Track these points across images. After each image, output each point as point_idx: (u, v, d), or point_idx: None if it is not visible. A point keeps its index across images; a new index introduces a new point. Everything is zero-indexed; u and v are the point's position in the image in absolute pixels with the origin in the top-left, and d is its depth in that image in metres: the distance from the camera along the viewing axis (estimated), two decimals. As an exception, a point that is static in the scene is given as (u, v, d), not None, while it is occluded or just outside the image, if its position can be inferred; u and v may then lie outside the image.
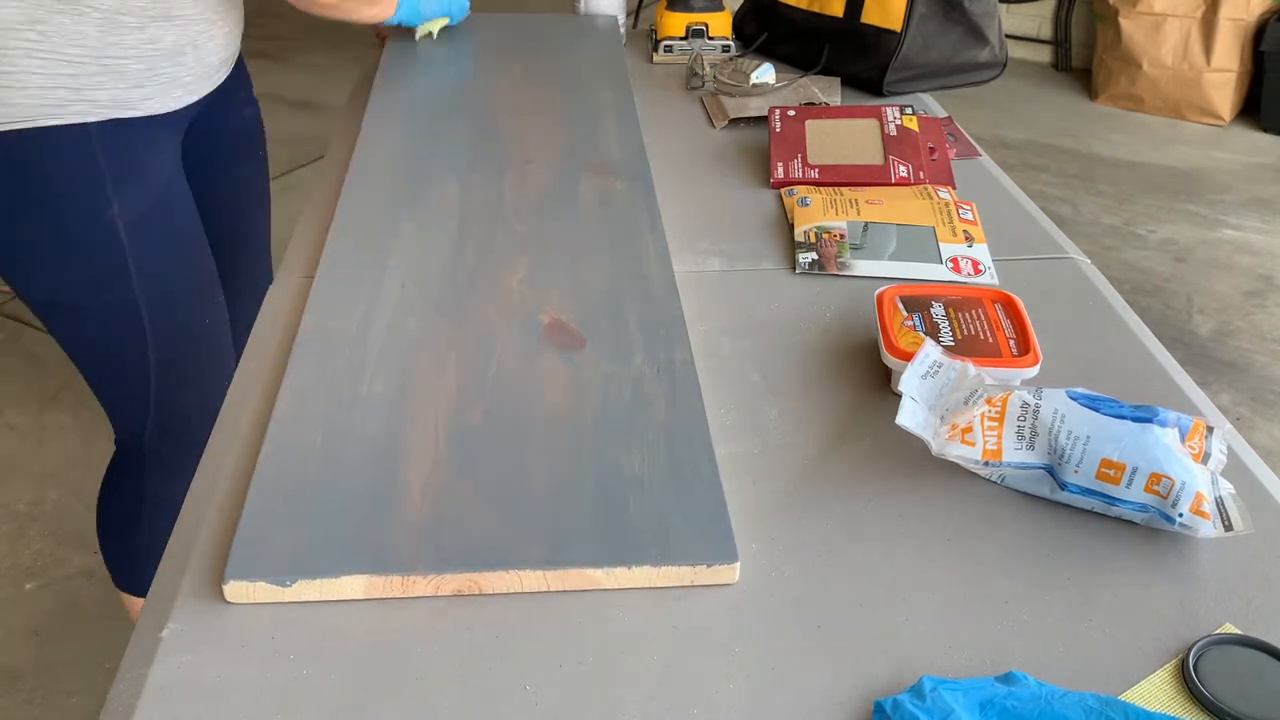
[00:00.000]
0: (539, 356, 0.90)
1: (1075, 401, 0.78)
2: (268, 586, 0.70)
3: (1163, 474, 0.74)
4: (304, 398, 0.85)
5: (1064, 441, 0.77)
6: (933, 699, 0.61)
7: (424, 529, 0.73)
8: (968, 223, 1.16)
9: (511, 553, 0.72)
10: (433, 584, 0.70)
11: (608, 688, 0.65)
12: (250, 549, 0.71)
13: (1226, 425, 0.87)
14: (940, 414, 0.82)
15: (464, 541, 0.72)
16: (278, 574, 0.70)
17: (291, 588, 0.70)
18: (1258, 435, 2.42)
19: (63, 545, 2.06)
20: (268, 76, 4.45)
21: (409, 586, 0.70)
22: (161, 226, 1.24)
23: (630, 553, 0.72)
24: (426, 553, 0.71)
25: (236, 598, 0.70)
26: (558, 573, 0.71)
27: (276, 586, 0.70)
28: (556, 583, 0.71)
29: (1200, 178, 3.65)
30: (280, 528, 0.73)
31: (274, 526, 0.73)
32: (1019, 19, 4.57)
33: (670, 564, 0.71)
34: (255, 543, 0.72)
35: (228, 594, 0.70)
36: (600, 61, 1.54)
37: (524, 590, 0.71)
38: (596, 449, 0.80)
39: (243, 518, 0.74)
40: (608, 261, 1.04)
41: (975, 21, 1.55)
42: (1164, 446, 0.75)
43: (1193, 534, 0.74)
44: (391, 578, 0.70)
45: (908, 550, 0.76)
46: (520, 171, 1.21)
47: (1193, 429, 0.78)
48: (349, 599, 0.70)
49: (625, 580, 0.71)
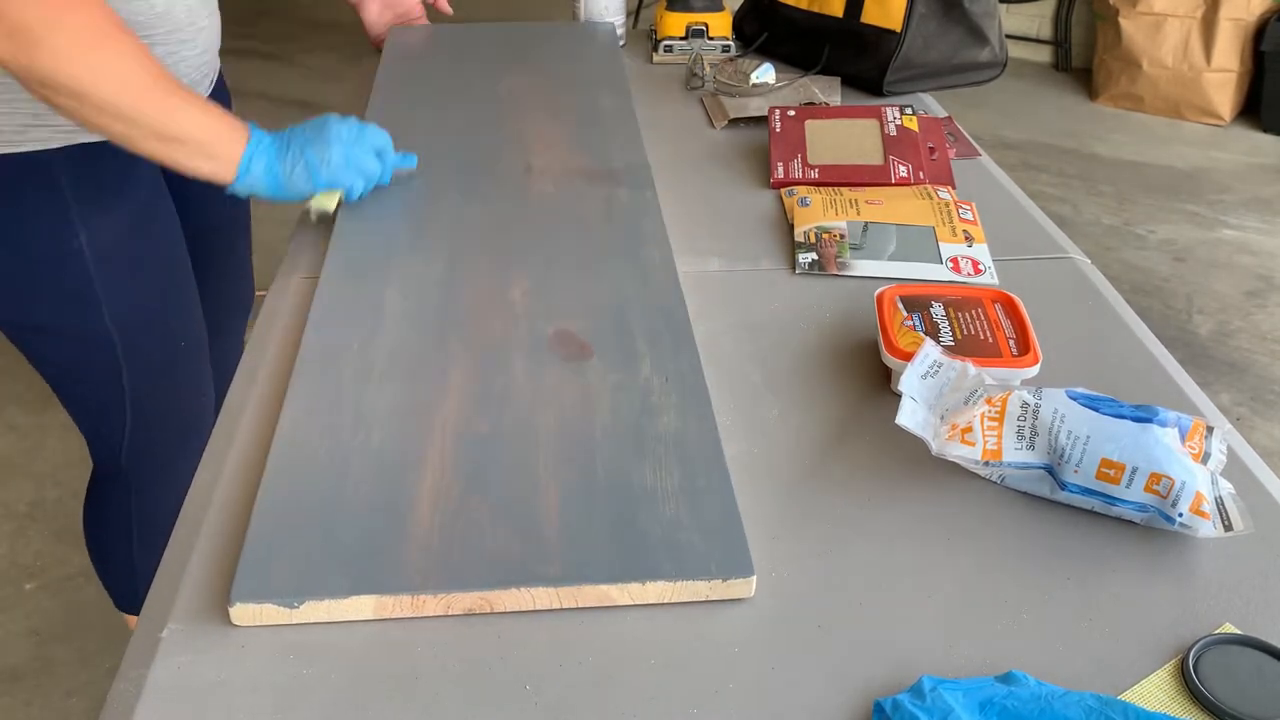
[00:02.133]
0: (546, 368, 0.89)
1: (1075, 401, 0.78)
2: (275, 609, 0.68)
3: (1163, 474, 0.74)
4: (307, 415, 0.84)
5: (1064, 441, 0.77)
6: (933, 699, 0.61)
7: (434, 547, 0.72)
8: (968, 223, 1.16)
9: (524, 570, 0.70)
10: (443, 603, 0.69)
11: (608, 688, 0.65)
12: (256, 570, 0.70)
13: (1226, 425, 0.87)
14: (940, 414, 0.82)
15: (475, 559, 0.71)
16: (285, 595, 0.68)
17: (299, 609, 0.68)
18: (1258, 435, 2.42)
19: (63, 545, 2.06)
20: (268, 76, 4.46)
21: (419, 606, 0.69)
22: (135, 253, 1.18)
23: (644, 568, 0.71)
24: (437, 572, 0.70)
25: (243, 620, 0.69)
26: (571, 589, 0.70)
27: (284, 609, 0.68)
28: (569, 599, 0.70)
29: (1200, 178, 3.65)
30: (286, 548, 0.72)
31: (280, 547, 0.72)
32: (1019, 19, 4.57)
33: (686, 579, 0.70)
34: (261, 564, 0.70)
35: (234, 616, 0.68)
36: (600, 68, 1.53)
37: (536, 608, 0.70)
38: (606, 461, 0.79)
39: (247, 539, 0.73)
40: (612, 271, 1.03)
41: (975, 21, 1.55)
42: (1164, 446, 0.75)
43: (1193, 534, 0.74)
44: (401, 597, 0.69)
45: (908, 550, 0.76)
46: (521, 180, 1.21)
47: (1193, 429, 0.78)
48: (358, 620, 0.69)
49: (639, 596, 0.70)
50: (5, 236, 1.11)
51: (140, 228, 1.19)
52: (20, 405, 2.45)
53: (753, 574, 0.71)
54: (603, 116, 1.37)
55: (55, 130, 1.08)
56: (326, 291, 1.00)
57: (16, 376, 2.54)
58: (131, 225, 1.18)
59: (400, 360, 0.90)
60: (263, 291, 1.11)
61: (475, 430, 0.82)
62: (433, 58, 1.56)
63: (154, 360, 1.25)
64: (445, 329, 0.94)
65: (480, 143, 1.30)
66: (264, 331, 0.99)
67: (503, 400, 0.86)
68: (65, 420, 2.39)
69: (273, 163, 1.05)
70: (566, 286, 1.01)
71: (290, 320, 1.00)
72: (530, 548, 0.72)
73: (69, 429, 2.37)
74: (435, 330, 0.94)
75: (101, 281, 1.15)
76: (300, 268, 1.09)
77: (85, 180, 1.11)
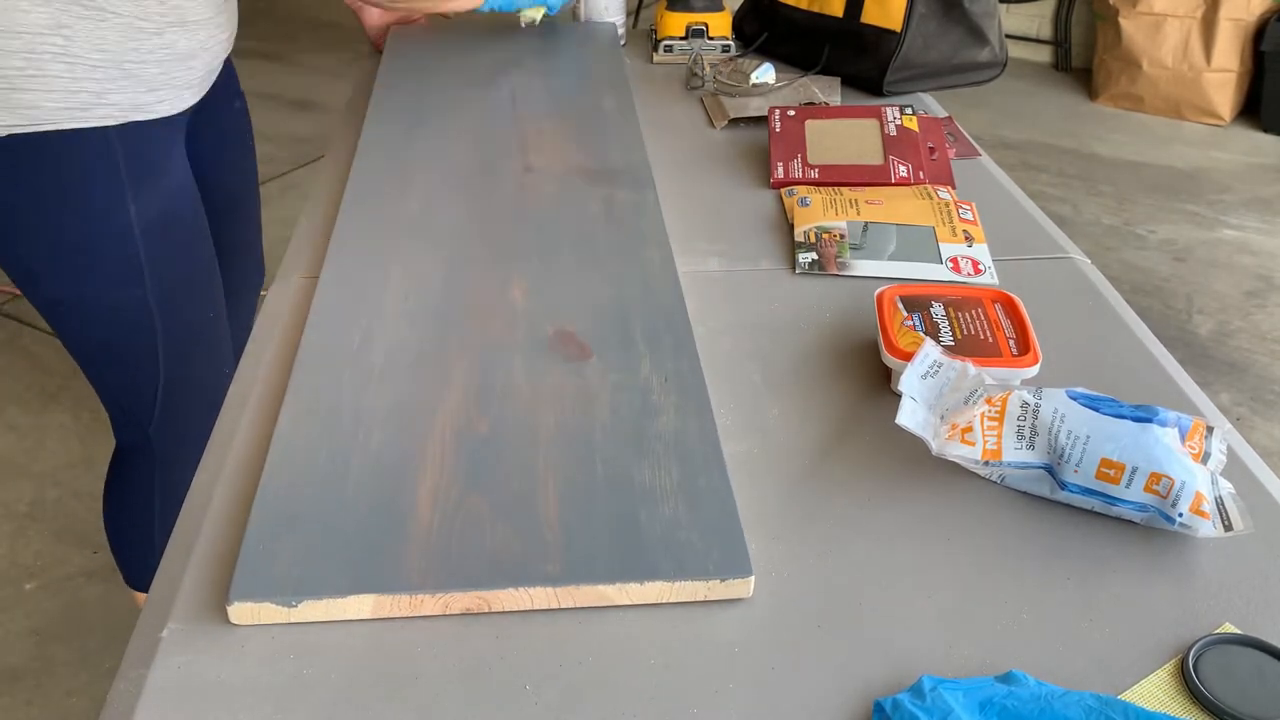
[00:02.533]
0: (545, 368, 0.89)
1: (1075, 401, 0.78)
2: (273, 608, 0.68)
3: (1163, 474, 0.74)
4: (306, 414, 0.84)
5: (1064, 441, 0.77)
6: (932, 699, 0.61)
7: (432, 546, 0.72)
8: (968, 223, 1.16)
9: (522, 570, 0.70)
10: (441, 603, 0.69)
11: (608, 688, 0.65)
12: (254, 569, 0.70)
13: (1226, 425, 0.87)
14: (940, 414, 0.82)
15: (473, 559, 0.71)
16: (283, 594, 0.68)
17: (298, 608, 0.68)
18: (1257, 435, 2.42)
19: (63, 545, 2.06)
20: (268, 76, 4.46)
21: (417, 606, 0.69)
22: (173, 226, 1.26)
23: (643, 568, 0.71)
24: (435, 571, 0.70)
25: (241, 620, 0.69)
26: (569, 589, 0.70)
27: (282, 608, 0.68)
28: (568, 599, 0.70)
29: (1200, 178, 3.65)
30: (284, 547, 0.72)
31: (278, 546, 0.72)
32: (1019, 19, 4.57)
33: (684, 579, 0.70)
34: (259, 563, 0.70)
35: (232, 615, 0.69)
36: (601, 68, 1.53)
37: (534, 608, 0.70)
38: (606, 461, 0.79)
39: (246, 538, 0.72)
40: (612, 271, 1.03)
41: (975, 21, 1.55)
42: (1164, 446, 0.75)
43: (1193, 534, 0.74)
44: (400, 597, 0.69)
45: (908, 550, 0.76)
46: (521, 180, 1.21)
47: (1193, 429, 0.78)
48: (355, 619, 0.69)
49: (638, 596, 0.70)
50: (71, 208, 1.17)
51: (175, 201, 1.26)
52: (20, 405, 2.45)
53: (751, 574, 0.71)
54: (603, 116, 1.37)
55: (114, 108, 1.15)
56: (326, 291, 1.00)
57: (16, 376, 2.54)
58: (169, 199, 1.25)
59: (400, 360, 0.90)
60: (263, 291, 1.11)
61: (475, 430, 0.82)
62: (434, 58, 1.56)
63: (188, 332, 1.31)
64: (445, 329, 0.94)
65: (480, 142, 1.30)
66: (264, 331, 0.99)
67: (503, 399, 0.86)
68: (65, 420, 2.39)
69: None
70: (566, 286, 1.01)
71: (290, 320, 1.00)
72: (529, 547, 0.72)
73: (69, 429, 2.37)
74: (435, 330, 0.94)
75: (147, 254, 1.22)
76: (300, 267, 1.09)
77: (136, 157, 1.19)
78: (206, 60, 1.25)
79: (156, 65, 1.17)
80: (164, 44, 1.17)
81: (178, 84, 1.21)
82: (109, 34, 1.12)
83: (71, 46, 1.10)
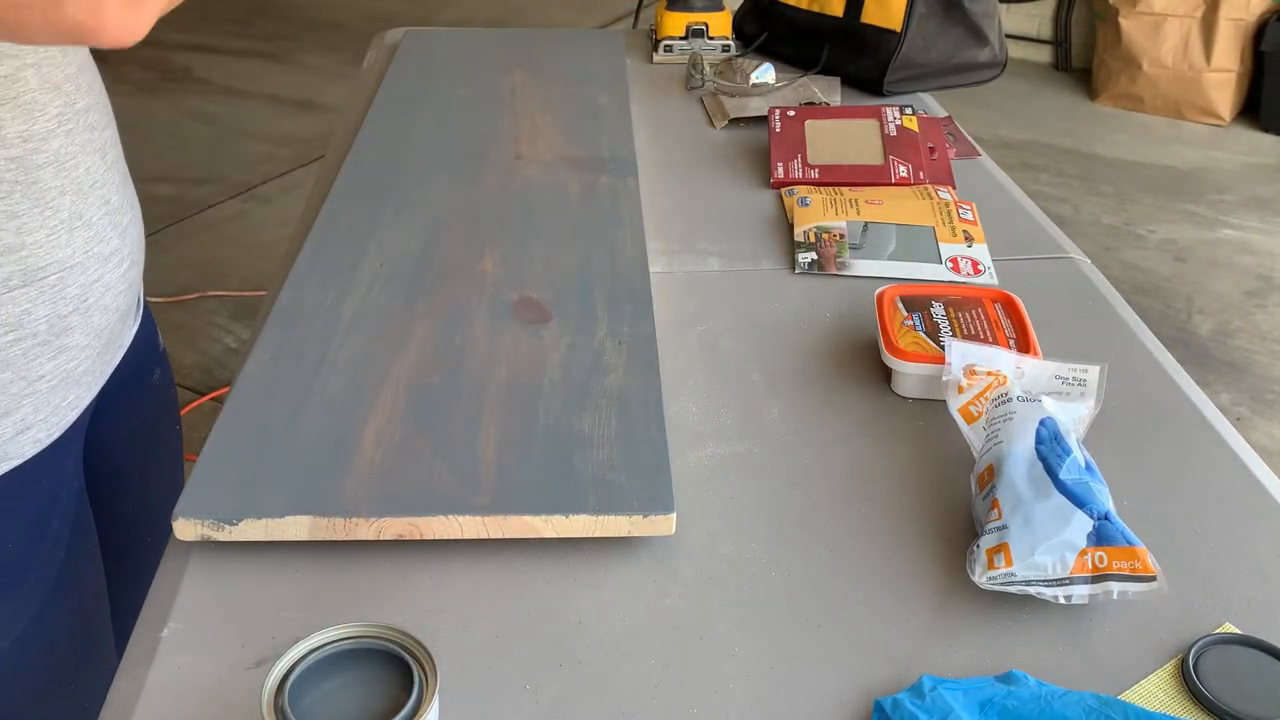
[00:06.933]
0: (505, 329, 0.93)
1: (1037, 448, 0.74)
2: (214, 524, 0.72)
3: None
4: (270, 362, 0.88)
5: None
6: (932, 698, 0.61)
7: (372, 477, 0.76)
8: (967, 223, 1.16)
9: (454, 500, 0.74)
10: (375, 528, 0.73)
11: (607, 688, 0.65)
12: (202, 490, 0.74)
13: (1227, 425, 0.87)
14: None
15: (410, 490, 0.75)
16: (225, 514, 0.72)
17: (238, 526, 0.72)
18: (1257, 435, 2.42)
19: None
20: (268, 77, 4.46)
21: (352, 529, 0.72)
22: (37, 644, 0.83)
23: (570, 503, 0.74)
24: (371, 499, 0.74)
25: (185, 535, 0.72)
26: (498, 519, 0.73)
27: (223, 524, 0.72)
28: (496, 529, 0.73)
29: (1200, 178, 3.65)
30: (234, 473, 0.76)
31: (228, 472, 0.76)
32: (1019, 19, 4.57)
33: (608, 514, 0.73)
34: (208, 486, 0.75)
35: (176, 531, 0.72)
36: (601, 68, 1.55)
37: (464, 536, 0.73)
38: (550, 411, 0.83)
39: (197, 464, 0.77)
40: (583, 247, 1.06)
41: (975, 21, 1.55)
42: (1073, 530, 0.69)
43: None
44: (335, 520, 0.72)
45: (908, 550, 0.76)
46: (509, 166, 1.24)
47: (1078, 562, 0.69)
48: (294, 539, 0.72)
49: (564, 529, 0.73)
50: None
51: (41, 595, 0.84)
52: (20, 405, 2.44)
53: (673, 511, 0.74)
54: (597, 111, 1.40)
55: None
56: (308, 257, 1.04)
57: (16, 376, 2.53)
58: (26, 600, 0.83)
59: (367, 318, 0.94)
60: (263, 291, 1.11)
61: (428, 381, 0.86)
62: (442, 58, 1.58)
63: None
64: (415, 294, 0.98)
65: (476, 133, 1.32)
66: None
67: (460, 354, 0.89)
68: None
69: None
70: (536, 259, 1.04)
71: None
72: (464, 481, 0.75)
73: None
74: (405, 294, 0.98)
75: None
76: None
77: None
78: (89, 321, 0.81)
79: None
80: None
81: (45, 388, 0.78)
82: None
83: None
